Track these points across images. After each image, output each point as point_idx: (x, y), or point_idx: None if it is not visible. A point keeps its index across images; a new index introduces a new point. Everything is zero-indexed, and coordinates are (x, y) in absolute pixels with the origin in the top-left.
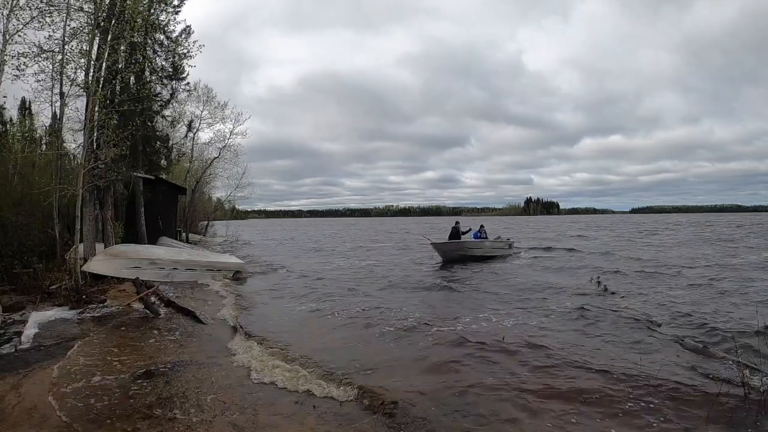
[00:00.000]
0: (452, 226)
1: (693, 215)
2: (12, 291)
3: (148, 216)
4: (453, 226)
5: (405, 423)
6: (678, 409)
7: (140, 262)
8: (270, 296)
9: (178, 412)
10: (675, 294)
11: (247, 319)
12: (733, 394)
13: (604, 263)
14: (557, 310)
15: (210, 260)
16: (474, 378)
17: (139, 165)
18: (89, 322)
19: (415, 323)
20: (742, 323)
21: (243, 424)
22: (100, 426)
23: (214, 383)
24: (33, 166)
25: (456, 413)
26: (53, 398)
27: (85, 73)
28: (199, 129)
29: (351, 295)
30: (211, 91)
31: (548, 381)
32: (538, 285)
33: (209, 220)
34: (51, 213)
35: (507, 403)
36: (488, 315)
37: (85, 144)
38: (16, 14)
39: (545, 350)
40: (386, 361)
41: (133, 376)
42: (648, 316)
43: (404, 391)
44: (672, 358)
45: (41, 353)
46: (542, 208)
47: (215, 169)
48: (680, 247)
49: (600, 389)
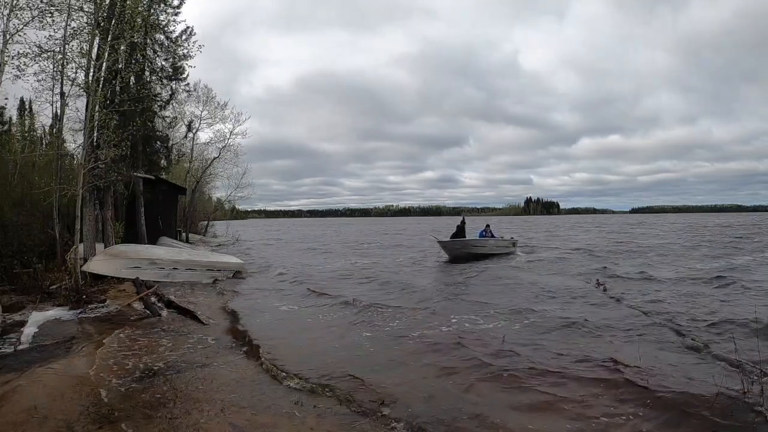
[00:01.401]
0: (457, 225)
1: (693, 215)
2: (12, 291)
3: (148, 216)
4: (458, 224)
5: (406, 423)
6: (678, 409)
7: (140, 262)
8: (270, 296)
9: (178, 412)
10: (675, 294)
11: (246, 319)
12: (733, 395)
13: (601, 263)
14: (555, 310)
15: (210, 260)
16: (473, 377)
17: (139, 165)
18: (89, 322)
19: (414, 323)
20: (741, 323)
21: (243, 423)
22: (101, 426)
23: (213, 383)
24: (33, 166)
25: (456, 413)
26: (53, 398)
27: (86, 73)
28: (199, 129)
29: (350, 295)
30: (211, 91)
31: (551, 380)
32: (536, 285)
33: (209, 220)
34: (51, 213)
35: (507, 403)
36: (488, 315)
37: (85, 144)
38: (17, 14)
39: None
40: (387, 361)
41: (133, 376)
42: (647, 316)
43: (404, 391)
44: (672, 358)
45: (41, 353)
46: (542, 208)
47: (215, 169)
48: (680, 246)
49: (599, 389)
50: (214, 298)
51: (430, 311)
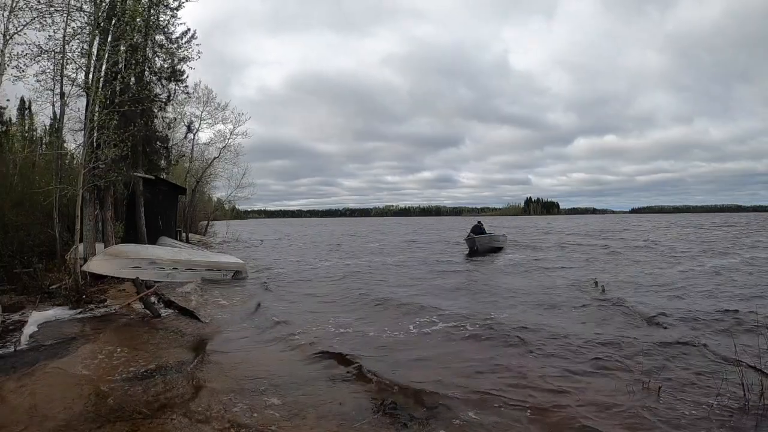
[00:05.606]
0: (474, 225)
1: (693, 215)
2: (12, 291)
3: (148, 216)
4: (475, 225)
5: (406, 423)
6: (677, 409)
7: (140, 262)
8: (270, 296)
9: (178, 411)
10: (674, 294)
11: (245, 320)
12: (733, 395)
13: (599, 263)
14: (559, 306)
15: (210, 260)
16: (473, 370)
17: (139, 165)
18: (89, 322)
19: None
20: (741, 323)
21: (242, 422)
22: (101, 426)
23: (213, 382)
24: (33, 166)
25: (459, 413)
26: (53, 398)
27: (86, 73)
28: (199, 129)
29: (350, 294)
30: (211, 92)
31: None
32: (533, 286)
33: (209, 220)
34: (51, 213)
35: (510, 403)
36: (488, 314)
37: (85, 144)
38: (17, 14)
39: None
40: (386, 362)
41: (132, 376)
42: (647, 315)
43: (404, 390)
44: (672, 358)
45: (41, 353)
46: (542, 208)
47: (215, 169)
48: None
49: (597, 389)
50: (213, 298)
51: (424, 310)
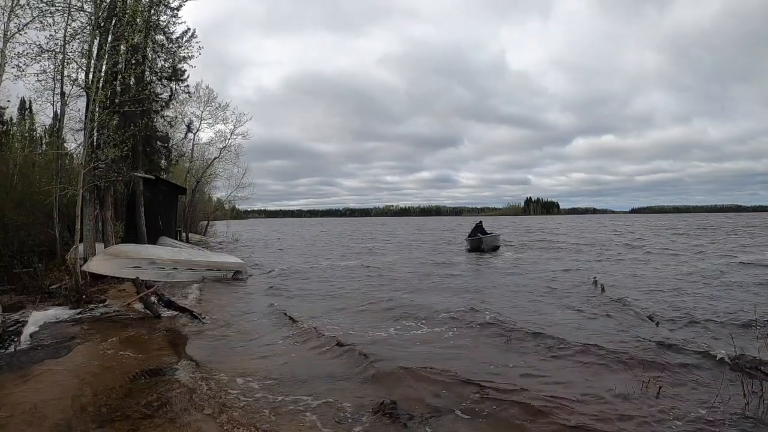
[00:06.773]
0: (476, 224)
1: (693, 215)
2: (12, 291)
3: (148, 216)
4: (476, 225)
5: (406, 423)
6: (678, 410)
7: (140, 262)
8: (270, 296)
9: (178, 412)
10: (675, 294)
11: (245, 319)
12: (733, 396)
13: (597, 263)
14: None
15: (210, 260)
16: (473, 369)
17: (139, 165)
18: (89, 322)
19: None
20: (740, 323)
21: (242, 423)
22: (101, 425)
23: (213, 382)
24: (33, 166)
25: (460, 412)
26: (53, 398)
27: (86, 73)
28: (199, 129)
29: (349, 294)
30: (212, 92)
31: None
32: (536, 286)
33: (209, 220)
34: (51, 213)
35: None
36: (487, 309)
37: (85, 144)
38: (17, 14)
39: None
40: (387, 361)
41: (132, 376)
42: (647, 315)
43: (404, 392)
44: (672, 358)
45: (41, 352)
46: (542, 208)
47: (215, 169)
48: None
49: (597, 390)
50: (213, 297)
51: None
